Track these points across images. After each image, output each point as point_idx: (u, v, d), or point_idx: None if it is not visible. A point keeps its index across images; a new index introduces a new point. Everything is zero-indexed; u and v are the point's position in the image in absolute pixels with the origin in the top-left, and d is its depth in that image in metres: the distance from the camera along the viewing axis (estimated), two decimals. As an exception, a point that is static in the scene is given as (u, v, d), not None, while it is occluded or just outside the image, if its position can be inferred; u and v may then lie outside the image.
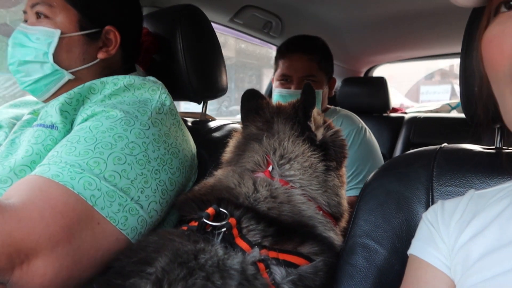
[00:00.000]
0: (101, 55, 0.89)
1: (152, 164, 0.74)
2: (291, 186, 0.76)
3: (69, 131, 0.76)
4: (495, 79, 0.50)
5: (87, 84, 0.82)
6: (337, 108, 1.70)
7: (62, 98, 0.79)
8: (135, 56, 1.00)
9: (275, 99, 1.54)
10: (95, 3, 0.87)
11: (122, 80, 0.83)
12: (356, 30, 2.05)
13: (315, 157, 0.78)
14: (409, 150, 2.14)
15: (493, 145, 0.81)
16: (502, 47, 0.47)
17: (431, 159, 0.78)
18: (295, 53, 1.54)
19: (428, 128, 2.03)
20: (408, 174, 0.78)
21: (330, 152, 0.80)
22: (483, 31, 0.53)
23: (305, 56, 1.52)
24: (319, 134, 0.80)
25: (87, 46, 0.86)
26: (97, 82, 0.83)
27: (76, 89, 0.81)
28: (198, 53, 1.04)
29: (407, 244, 0.72)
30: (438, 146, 0.82)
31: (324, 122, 0.83)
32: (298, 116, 0.80)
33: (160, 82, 0.88)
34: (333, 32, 2.00)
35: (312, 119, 0.79)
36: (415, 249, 0.63)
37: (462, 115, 2.55)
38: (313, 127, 0.80)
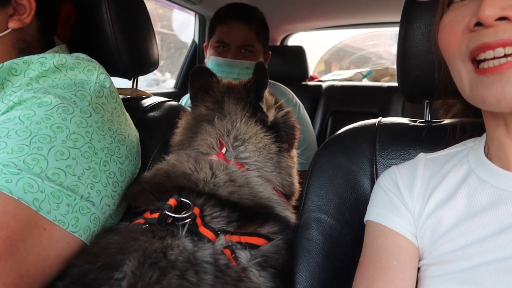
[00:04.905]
0: (13, 24, 0.74)
1: (99, 155, 0.66)
2: (247, 169, 0.75)
3: None
4: (451, 60, 0.55)
5: (7, 64, 0.69)
6: (271, 81, 1.71)
7: None
8: (54, 27, 0.86)
9: (210, 67, 1.49)
10: None
11: (50, 59, 0.71)
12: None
13: (268, 138, 0.78)
14: (328, 117, 2.29)
15: (422, 118, 0.88)
16: (455, 30, 0.52)
17: (372, 134, 0.83)
18: (235, 21, 1.50)
19: (344, 96, 2.16)
20: (353, 148, 0.83)
21: (281, 133, 0.80)
22: (439, 21, 0.58)
23: (244, 24, 1.49)
24: (271, 115, 0.80)
25: None
26: (18, 61, 0.70)
27: None
28: (128, 24, 0.94)
29: (356, 214, 0.77)
30: (376, 120, 0.87)
31: (276, 102, 0.82)
32: (249, 96, 0.78)
33: (95, 60, 0.78)
34: (252, -2, 1.98)
35: (264, 99, 0.78)
36: (374, 215, 0.64)
37: (373, 83, 2.76)
38: (264, 108, 0.79)
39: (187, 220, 0.62)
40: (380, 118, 0.89)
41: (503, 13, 0.45)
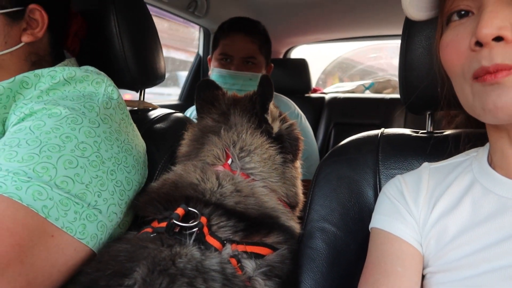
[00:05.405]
0: (26, 38, 0.77)
1: (106, 164, 0.68)
2: (253, 179, 0.76)
3: (1, 133, 0.66)
4: (455, 78, 0.56)
5: (18, 77, 0.71)
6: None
7: None
8: (64, 41, 0.88)
9: (214, 79, 1.51)
10: None
11: (60, 72, 0.73)
12: (279, 11, 2.09)
13: (273, 149, 0.79)
14: (331, 129, 2.30)
15: (424, 129, 0.90)
16: (458, 49, 0.53)
17: (376, 144, 0.84)
18: (238, 33, 1.54)
19: (347, 108, 2.19)
20: (357, 159, 0.84)
21: (285, 145, 0.82)
22: (439, 39, 0.59)
23: (247, 37, 1.53)
24: (276, 127, 0.82)
25: (9, 27, 0.74)
26: (29, 75, 0.72)
27: (4, 84, 0.69)
28: (136, 36, 0.96)
29: (360, 224, 0.78)
30: (379, 131, 0.88)
31: (280, 114, 0.84)
32: (255, 108, 0.80)
33: (103, 73, 0.80)
34: (256, 12, 2.01)
35: (269, 111, 0.80)
36: (379, 223, 0.65)
37: (375, 95, 2.77)
38: (270, 120, 0.80)
39: (194, 229, 0.64)
40: (383, 129, 0.90)
41: (499, 33, 0.46)
